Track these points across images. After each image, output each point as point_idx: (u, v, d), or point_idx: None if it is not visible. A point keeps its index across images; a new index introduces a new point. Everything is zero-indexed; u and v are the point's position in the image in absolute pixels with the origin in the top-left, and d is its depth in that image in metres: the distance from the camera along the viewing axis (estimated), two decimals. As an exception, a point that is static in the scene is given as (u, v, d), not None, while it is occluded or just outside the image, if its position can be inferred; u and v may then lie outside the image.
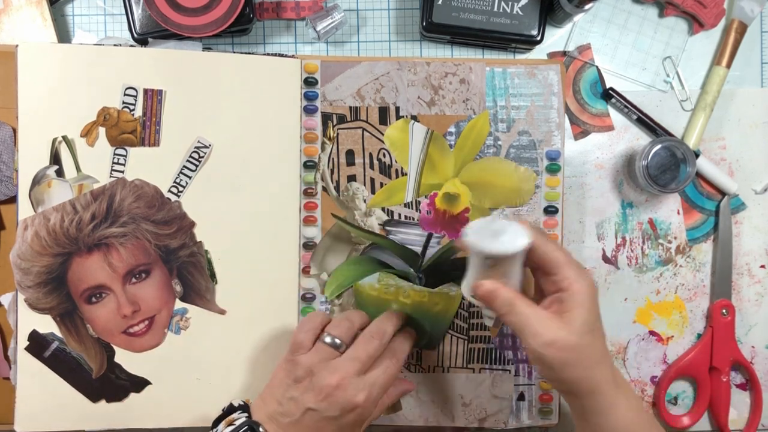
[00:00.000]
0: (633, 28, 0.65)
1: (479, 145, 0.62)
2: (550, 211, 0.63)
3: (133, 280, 0.61)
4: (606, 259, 0.65)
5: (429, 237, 0.62)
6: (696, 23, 0.65)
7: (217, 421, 0.52)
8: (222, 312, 0.62)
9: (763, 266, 0.66)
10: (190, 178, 0.61)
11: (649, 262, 0.65)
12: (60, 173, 0.60)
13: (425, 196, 0.62)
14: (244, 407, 0.52)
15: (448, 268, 0.63)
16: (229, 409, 0.53)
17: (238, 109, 0.61)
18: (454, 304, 0.63)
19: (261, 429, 0.50)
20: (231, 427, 0.49)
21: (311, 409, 0.50)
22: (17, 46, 0.59)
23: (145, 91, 0.61)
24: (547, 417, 0.63)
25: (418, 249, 0.63)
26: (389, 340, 0.54)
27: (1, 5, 0.62)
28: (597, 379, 0.47)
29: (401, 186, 0.62)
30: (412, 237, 0.63)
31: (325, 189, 0.63)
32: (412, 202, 0.62)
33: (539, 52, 0.65)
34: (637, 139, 0.65)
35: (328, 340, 0.52)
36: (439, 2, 0.61)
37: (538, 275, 0.51)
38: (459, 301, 0.63)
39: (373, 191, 0.63)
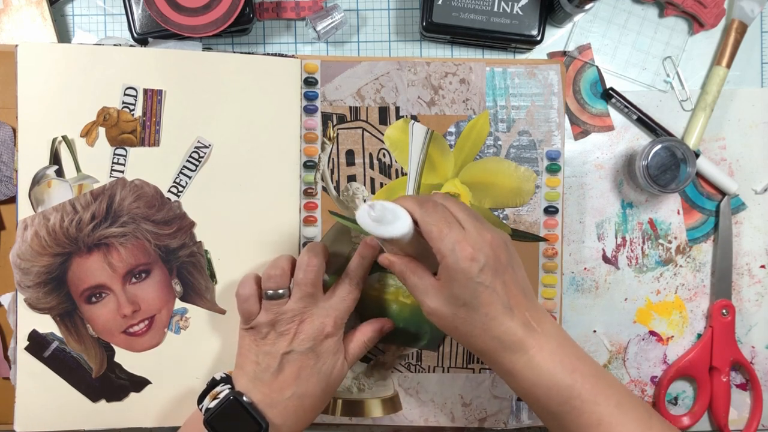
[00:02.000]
0: (633, 28, 0.65)
1: (479, 146, 0.62)
2: (550, 211, 0.63)
3: (133, 280, 0.61)
4: (606, 259, 0.65)
5: None
6: (696, 23, 0.65)
7: (201, 397, 0.53)
8: (222, 312, 0.62)
9: (763, 266, 0.66)
10: (190, 178, 0.61)
11: (649, 262, 0.65)
12: (60, 173, 0.60)
13: None
14: (227, 379, 0.54)
15: None
16: (212, 383, 0.54)
17: (238, 109, 0.61)
18: None
19: (245, 398, 0.51)
20: (215, 401, 0.50)
21: (287, 353, 0.52)
22: (17, 46, 0.59)
23: (145, 91, 0.61)
24: (547, 417, 0.63)
25: None
26: (319, 266, 0.55)
27: (1, 5, 0.62)
28: (486, 348, 0.48)
29: (401, 186, 0.62)
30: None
31: (325, 189, 0.63)
32: None
33: (539, 52, 0.65)
34: (637, 139, 0.65)
35: (270, 293, 0.53)
36: (439, 2, 0.61)
37: None
38: None
39: (373, 191, 0.63)
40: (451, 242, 0.47)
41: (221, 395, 0.51)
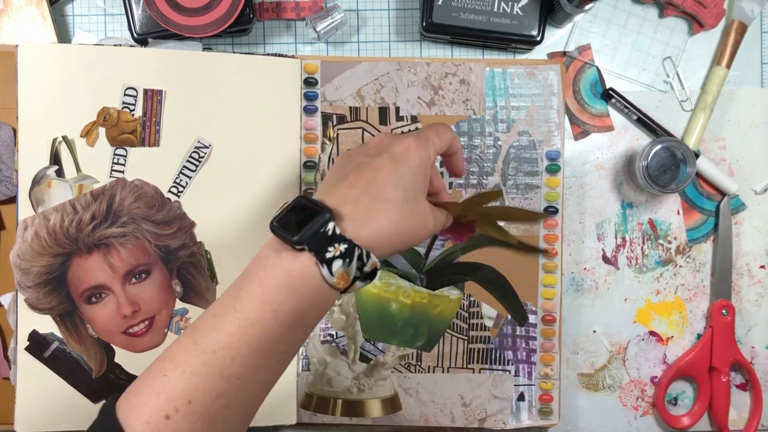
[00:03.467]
0: (633, 29, 0.65)
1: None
2: (550, 211, 0.63)
3: (133, 280, 0.61)
4: (606, 260, 0.65)
5: (433, 239, 0.62)
6: (696, 23, 0.65)
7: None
8: (222, 312, 0.62)
9: (763, 266, 0.66)
10: (190, 178, 0.61)
11: (649, 263, 0.65)
12: (60, 173, 0.60)
13: None
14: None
15: (450, 271, 0.62)
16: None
17: (238, 109, 0.61)
18: (453, 308, 0.63)
19: (314, 197, 0.46)
20: (280, 211, 0.45)
21: (361, 163, 0.46)
22: (17, 46, 0.59)
23: (145, 91, 0.61)
24: (547, 417, 0.63)
25: (422, 250, 0.63)
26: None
27: (1, 5, 0.62)
28: None
29: None
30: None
31: (325, 189, 0.63)
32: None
33: (539, 53, 0.65)
34: (637, 139, 0.65)
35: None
36: (439, 2, 0.61)
37: None
38: (459, 305, 0.63)
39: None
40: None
41: (289, 202, 0.46)
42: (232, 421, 0.44)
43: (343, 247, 0.43)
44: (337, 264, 0.42)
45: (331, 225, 0.43)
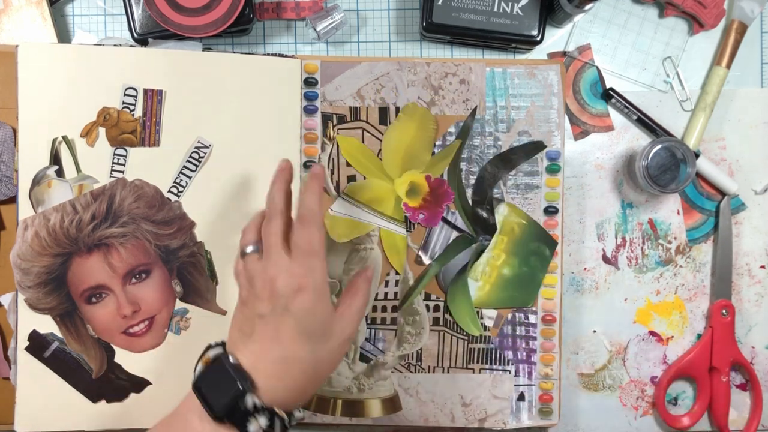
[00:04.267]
0: (633, 29, 0.65)
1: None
2: (550, 211, 0.63)
3: (133, 280, 0.61)
4: (606, 260, 0.65)
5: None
6: (696, 23, 0.65)
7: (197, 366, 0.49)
8: (222, 312, 0.62)
9: (763, 266, 0.66)
10: (190, 178, 0.61)
11: (649, 263, 0.65)
12: (60, 173, 0.60)
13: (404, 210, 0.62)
14: (222, 344, 0.49)
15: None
16: (206, 349, 0.50)
17: (238, 109, 0.61)
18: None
19: (231, 358, 0.46)
20: (202, 366, 0.47)
21: (260, 316, 0.47)
22: (17, 46, 0.59)
23: (145, 91, 0.61)
24: (547, 417, 0.63)
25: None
26: (282, 211, 0.50)
27: (1, 5, 0.62)
28: None
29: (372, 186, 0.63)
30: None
31: (325, 189, 0.63)
32: (407, 225, 0.62)
33: (539, 53, 0.65)
34: (637, 139, 0.65)
35: (246, 250, 0.50)
36: (439, 2, 0.61)
37: None
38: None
39: (373, 191, 0.63)
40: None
41: (211, 354, 0.48)
42: None
43: (263, 419, 0.44)
44: None
45: (250, 399, 0.44)
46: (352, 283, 0.52)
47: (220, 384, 0.45)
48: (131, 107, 0.60)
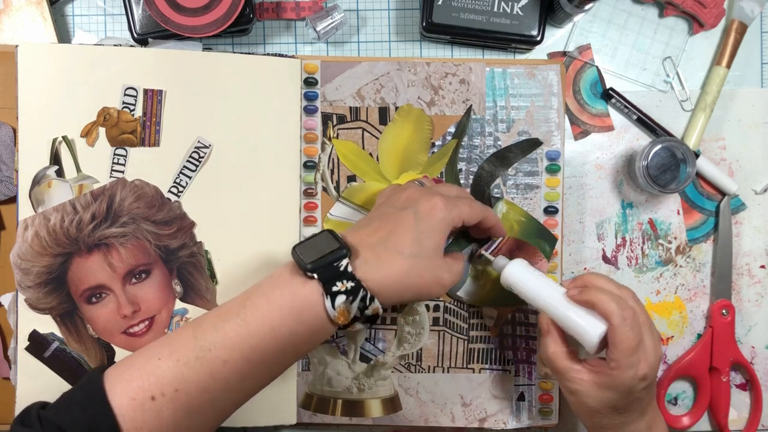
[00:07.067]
0: (633, 29, 0.65)
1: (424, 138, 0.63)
2: (550, 211, 0.63)
3: (133, 280, 0.61)
4: (606, 260, 0.65)
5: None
6: (696, 23, 0.65)
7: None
8: (222, 312, 0.62)
9: (763, 266, 0.66)
10: (190, 178, 0.61)
11: (649, 263, 0.65)
12: (60, 173, 0.60)
13: None
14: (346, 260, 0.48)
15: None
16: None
17: (238, 109, 0.61)
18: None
19: (338, 232, 0.49)
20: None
21: (385, 214, 0.50)
22: (17, 46, 0.59)
23: (145, 91, 0.61)
24: (547, 417, 0.63)
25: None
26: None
27: (1, 5, 0.62)
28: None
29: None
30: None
31: (325, 189, 0.63)
32: None
33: (539, 53, 0.65)
34: (637, 139, 0.65)
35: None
36: (439, 2, 0.61)
37: None
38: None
39: (373, 191, 0.63)
40: (636, 360, 0.49)
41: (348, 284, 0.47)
42: (209, 417, 0.45)
43: (350, 284, 0.45)
44: (341, 299, 0.45)
45: (344, 262, 0.46)
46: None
47: (318, 245, 0.47)
48: (131, 107, 0.60)
